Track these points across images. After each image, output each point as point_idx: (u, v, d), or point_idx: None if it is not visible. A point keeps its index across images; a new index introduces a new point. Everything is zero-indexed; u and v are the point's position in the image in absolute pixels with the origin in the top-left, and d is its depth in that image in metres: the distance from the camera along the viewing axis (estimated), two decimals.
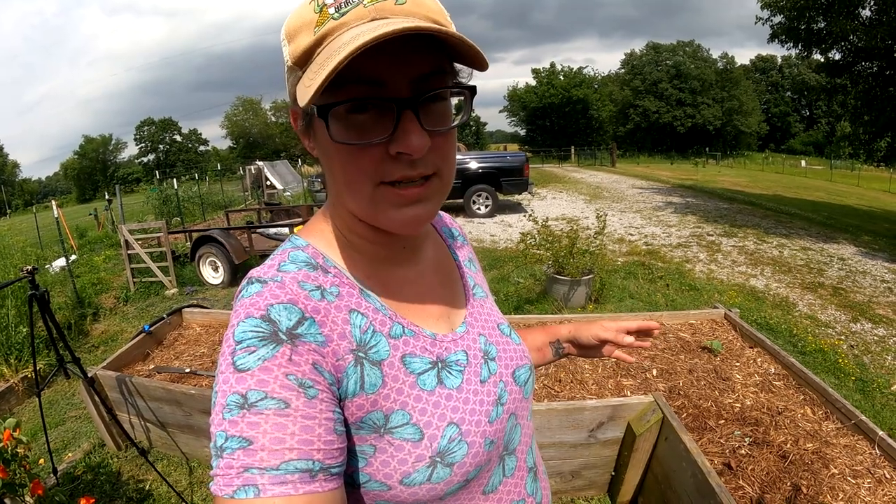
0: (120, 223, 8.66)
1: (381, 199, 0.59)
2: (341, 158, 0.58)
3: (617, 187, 19.13)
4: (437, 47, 0.56)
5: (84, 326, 5.82)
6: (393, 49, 0.51)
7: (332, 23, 0.53)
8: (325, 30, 0.53)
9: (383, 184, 0.58)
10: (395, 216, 0.60)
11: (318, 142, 0.61)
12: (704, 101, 51.37)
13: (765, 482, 2.07)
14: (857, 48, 12.30)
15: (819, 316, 5.60)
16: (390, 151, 0.56)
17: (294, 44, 0.56)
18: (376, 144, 0.56)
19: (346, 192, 0.61)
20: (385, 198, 0.59)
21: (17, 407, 4.03)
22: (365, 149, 0.56)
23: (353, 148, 0.56)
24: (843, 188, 23.82)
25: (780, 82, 61.19)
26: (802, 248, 8.76)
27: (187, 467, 3.05)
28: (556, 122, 55.61)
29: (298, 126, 0.64)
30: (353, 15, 0.53)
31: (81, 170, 67.08)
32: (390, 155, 0.56)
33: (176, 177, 17.82)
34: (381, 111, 0.55)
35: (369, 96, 0.54)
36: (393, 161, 0.57)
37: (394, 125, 0.55)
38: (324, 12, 0.54)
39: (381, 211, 0.60)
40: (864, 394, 3.89)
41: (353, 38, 0.49)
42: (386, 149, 0.56)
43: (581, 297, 5.62)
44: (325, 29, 0.53)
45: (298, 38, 0.55)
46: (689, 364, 3.04)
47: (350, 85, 0.53)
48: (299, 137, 0.65)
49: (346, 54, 0.47)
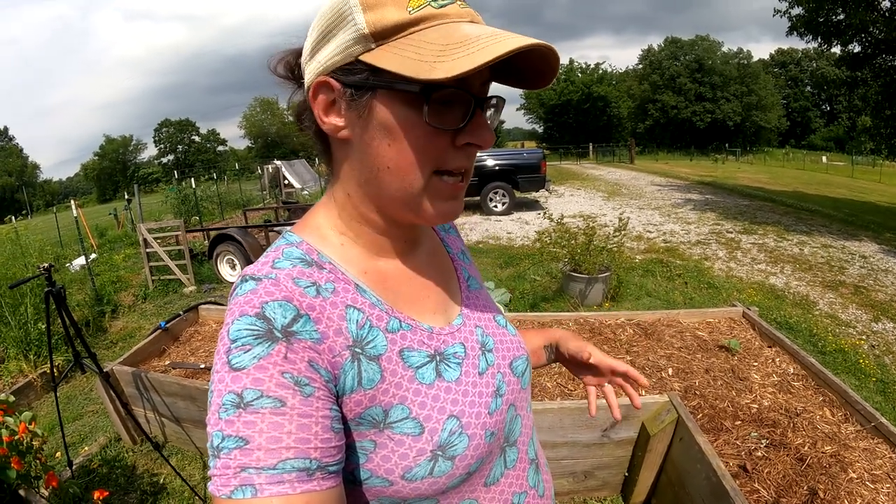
0: (139, 222, 8.77)
1: (433, 189, 0.61)
2: (411, 142, 0.58)
3: (635, 184, 18.99)
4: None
5: (103, 323, 5.91)
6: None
7: (432, 9, 0.55)
8: (423, 13, 0.54)
9: (436, 173, 0.60)
10: (439, 207, 0.63)
11: (367, 120, 0.59)
12: (724, 95, 50.74)
13: (781, 486, 2.03)
14: (878, 40, 12.05)
15: (840, 315, 5.50)
16: (458, 142, 0.60)
17: (376, 13, 0.54)
18: (446, 132, 0.58)
19: (397, 178, 0.60)
20: (436, 187, 0.62)
21: (35, 402, 4.10)
22: (439, 135, 0.58)
23: (424, 133, 0.57)
24: (864, 184, 23.37)
25: (799, 77, 60.27)
26: (823, 245, 8.61)
27: (201, 462, 3.07)
28: (575, 119, 55.30)
29: (323, 100, 0.60)
30: (452, 10, 0.56)
31: (102, 170, 68.25)
32: (454, 146, 0.60)
33: (195, 176, 17.99)
34: (456, 103, 0.57)
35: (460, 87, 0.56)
36: (456, 151, 0.60)
37: (467, 118, 0.58)
38: None
39: (428, 199, 0.62)
40: (885, 395, 3.81)
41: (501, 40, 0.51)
42: (453, 138, 0.59)
43: (598, 295, 5.58)
44: (423, 12, 0.54)
45: (384, 10, 0.54)
46: (705, 363, 2.99)
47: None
48: (315, 112, 0.61)
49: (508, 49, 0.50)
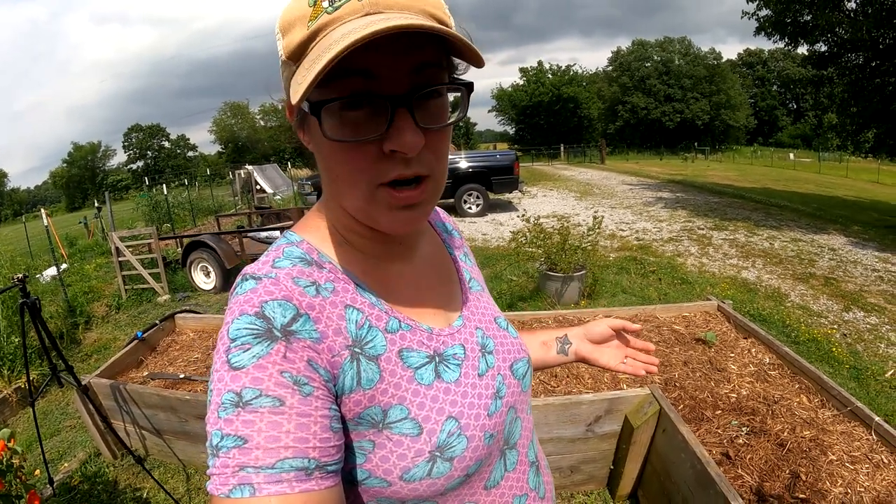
0: (110, 231, 8.60)
1: (378, 200, 0.59)
2: (336, 156, 0.57)
3: (607, 184, 19.20)
4: (435, 41, 0.55)
5: (76, 335, 5.77)
6: (387, 43, 0.50)
7: (326, 17, 0.53)
8: (318, 24, 0.53)
9: (381, 185, 0.57)
10: (389, 218, 0.60)
11: (312, 137, 0.61)
12: (693, 95, 51.57)
13: (764, 470, 2.07)
14: (843, 40, 12.38)
15: (811, 306, 5.64)
16: (384, 149, 0.55)
17: (288, 38, 0.55)
18: (371, 142, 0.55)
19: (342, 190, 0.61)
20: (381, 199, 0.59)
21: (11, 418, 3.99)
22: (360, 146, 0.55)
23: (348, 145, 0.55)
24: (831, 180, 23.96)
25: (766, 76, 61.55)
26: (793, 239, 8.82)
27: (184, 474, 3.02)
28: (546, 121, 55.74)
29: (294, 120, 0.63)
30: (346, 9, 0.52)
31: (70, 178, 66.73)
32: (384, 153, 0.55)
33: (165, 183, 17.72)
34: (376, 108, 0.54)
35: (363, 91, 0.53)
36: (388, 159, 0.56)
37: (388, 122, 0.54)
38: (318, 6, 0.53)
39: (376, 212, 0.60)
40: (859, 381, 3.91)
41: (344, 36, 0.48)
42: (381, 146, 0.55)
43: (574, 293, 5.63)
44: (318, 23, 0.53)
45: (292, 32, 0.55)
46: (684, 356, 3.05)
47: (343, 79, 0.52)
48: (294, 131, 0.64)
49: (335, 53, 0.46)
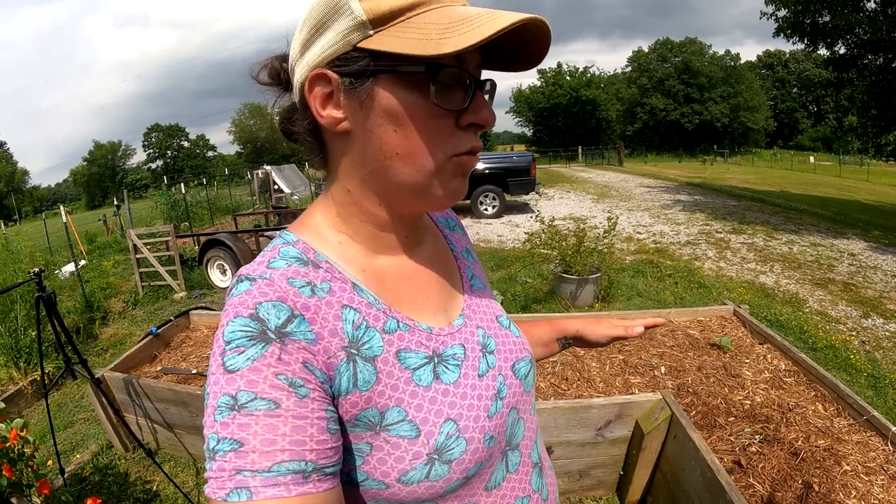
0: (128, 228, 8.71)
1: (446, 171, 0.61)
2: (413, 126, 0.57)
3: (625, 186, 19.07)
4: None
5: (93, 330, 5.86)
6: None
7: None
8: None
9: (454, 156, 0.60)
10: (451, 186, 0.63)
11: (369, 109, 0.58)
12: (712, 97, 51.10)
13: (776, 480, 2.04)
14: (863, 41, 12.21)
15: (830, 312, 5.54)
16: (461, 123, 0.59)
17: (372, 1, 0.54)
18: (452, 113, 0.58)
19: (407, 164, 0.59)
20: (450, 169, 0.61)
21: (26, 409, 4.06)
22: (445, 117, 0.58)
23: (434, 114, 0.57)
24: (852, 183, 23.62)
25: (786, 78, 60.86)
26: (812, 243, 8.68)
27: (194, 468, 3.05)
28: (564, 122, 55.57)
29: (320, 93, 0.59)
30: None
31: (91, 176, 67.82)
32: (459, 127, 0.59)
33: (184, 182, 17.91)
34: (458, 85, 0.58)
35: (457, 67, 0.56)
36: (461, 133, 0.60)
37: (468, 99, 0.58)
38: None
39: (440, 182, 0.62)
40: (877, 390, 3.84)
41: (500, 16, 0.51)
42: (456, 120, 0.59)
43: (589, 296, 5.59)
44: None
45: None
46: (697, 361, 3.01)
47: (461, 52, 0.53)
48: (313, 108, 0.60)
49: (512, 21, 0.50)
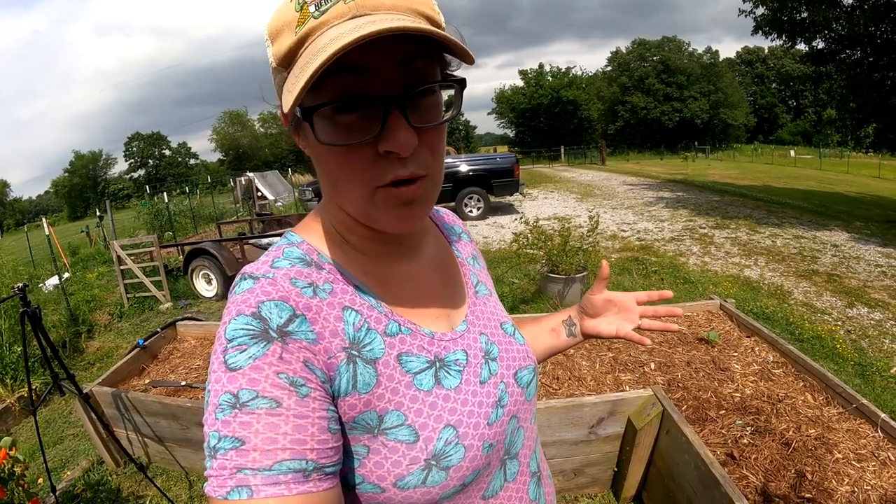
0: (112, 239, 8.61)
1: (377, 202, 0.58)
2: (333, 159, 0.57)
3: (608, 185, 19.20)
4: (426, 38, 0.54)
5: (79, 344, 5.78)
6: (378, 43, 0.49)
7: (313, 21, 0.52)
8: (305, 29, 0.52)
9: (380, 187, 0.57)
10: (390, 217, 0.60)
11: (308, 142, 0.60)
12: (691, 94, 51.62)
13: (769, 470, 2.06)
14: (841, 36, 12.39)
15: (815, 303, 5.62)
16: (379, 150, 0.55)
17: (277, 44, 0.55)
18: (366, 144, 0.54)
19: (342, 193, 0.60)
20: (381, 200, 0.58)
21: (14, 427, 4.00)
22: (355, 149, 0.55)
23: (344, 149, 0.55)
24: (832, 176, 23.95)
25: (765, 74, 61.67)
26: (795, 236, 8.80)
27: (187, 481, 3.02)
28: (546, 123, 55.82)
29: (289, 126, 0.63)
30: (333, 12, 0.52)
31: (72, 187, 67.07)
32: (380, 154, 0.55)
33: (166, 191, 17.77)
34: (368, 110, 0.54)
35: (355, 92, 0.53)
36: (384, 160, 0.55)
37: (381, 123, 0.53)
38: (304, 11, 0.52)
39: (375, 213, 0.59)
40: (864, 378, 3.90)
41: (332, 41, 0.47)
42: (376, 148, 0.55)
43: (576, 295, 5.61)
44: (305, 28, 0.52)
45: (281, 39, 0.54)
46: (686, 356, 3.03)
47: (334, 78, 0.51)
48: (291, 137, 0.64)
49: (322, 60, 0.46)
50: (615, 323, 0.99)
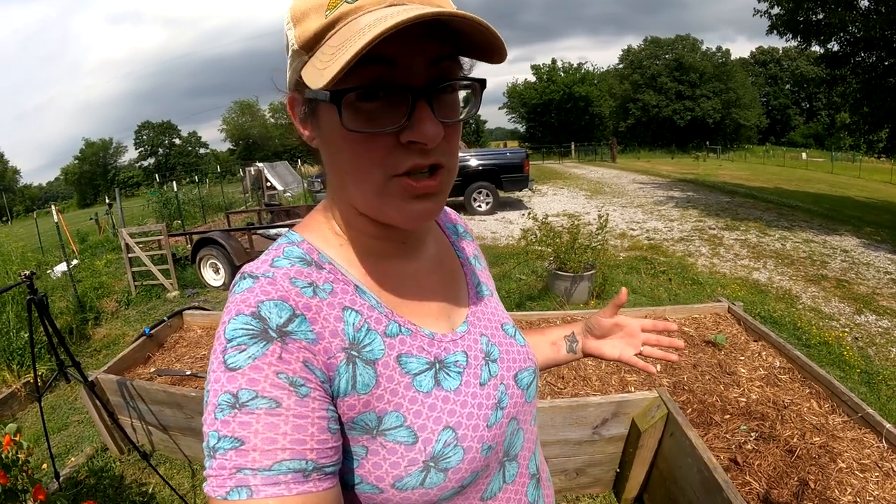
0: (120, 227, 8.66)
1: (392, 192, 0.58)
2: (350, 147, 0.56)
3: (618, 182, 19.13)
4: (448, 39, 0.55)
5: (86, 331, 5.82)
6: (407, 35, 0.49)
7: (346, 6, 0.52)
8: (338, 13, 0.52)
9: (395, 176, 0.57)
10: (404, 209, 0.59)
11: (321, 130, 0.59)
12: (703, 93, 51.23)
13: (772, 477, 2.05)
14: (856, 38, 12.27)
15: (823, 308, 5.58)
16: (402, 140, 0.55)
17: (301, 27, 0.55)
18: (388, 133, 0.54)
19: (353, 183, 0.59)
20: (394, 191, 0.58)
21: (19, 412, 4.03)
22: (375, 138, 0.55)
23: (363, 136, 0.55)
24: (844, 180, 23.75)
25: (779, 75, 61.13)
26: (805, 240, 8.73)
27: (190, 470, 3.04)
28: (557, 119, 55.59)
29: (297, 114, 0.62)
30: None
31: (82, 174, 67.35)
32: (401, 144, 0.55)
33: (176, 180, 17.84)
34: (394, 99, 0.53)
35: (384, 81, 0.53)
36: (403, 150, 0.55)
37: (407, 113, 0.53)
38: None
39: (389, 203, 0.59)
40: (870, 386, 3.87)
41: (377, 21, 0.47)
42: (397, 138, 0.55)
43: (583, 293, 5.60)
44: (338, 12, 0.52)
45: (307, 21, 0.54)
46: (693, 359, 3.02)
47: (363, 67, 0.50)
48: (295, 126, 0.64)
49: (371, 37, 0.45)
50: (619, 347, 1.00)
